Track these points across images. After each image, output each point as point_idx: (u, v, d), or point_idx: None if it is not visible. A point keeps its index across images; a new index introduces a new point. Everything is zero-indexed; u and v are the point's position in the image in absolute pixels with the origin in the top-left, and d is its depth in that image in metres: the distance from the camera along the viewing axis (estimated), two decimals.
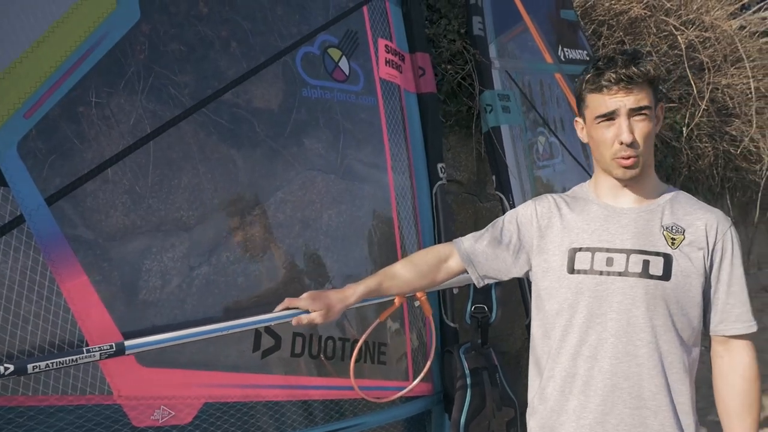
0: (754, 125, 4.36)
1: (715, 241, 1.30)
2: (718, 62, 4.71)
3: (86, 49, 1.31)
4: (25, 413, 1.19)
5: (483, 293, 1.95)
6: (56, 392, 1.22)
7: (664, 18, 3.97)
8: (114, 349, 1.16)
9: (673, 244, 1.30)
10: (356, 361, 1.69)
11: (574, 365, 1.32)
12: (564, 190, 2.61)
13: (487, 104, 2.22)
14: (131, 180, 1.43)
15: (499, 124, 2.22)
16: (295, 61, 1.68)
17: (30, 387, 1.20)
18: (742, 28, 5.62)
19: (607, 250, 1.31)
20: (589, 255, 1.33)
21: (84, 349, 1.15)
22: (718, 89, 4.65)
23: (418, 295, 1.60)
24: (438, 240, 2.02)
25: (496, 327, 2.73)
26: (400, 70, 2.00)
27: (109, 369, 1.26)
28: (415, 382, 1.71)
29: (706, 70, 4.39)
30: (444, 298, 2.00)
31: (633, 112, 1.27)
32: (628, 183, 1.33)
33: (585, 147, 2.84)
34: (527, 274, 1.44)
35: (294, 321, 1.35)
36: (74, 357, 1.11)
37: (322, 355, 1.60)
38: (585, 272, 1.32)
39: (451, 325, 1.99)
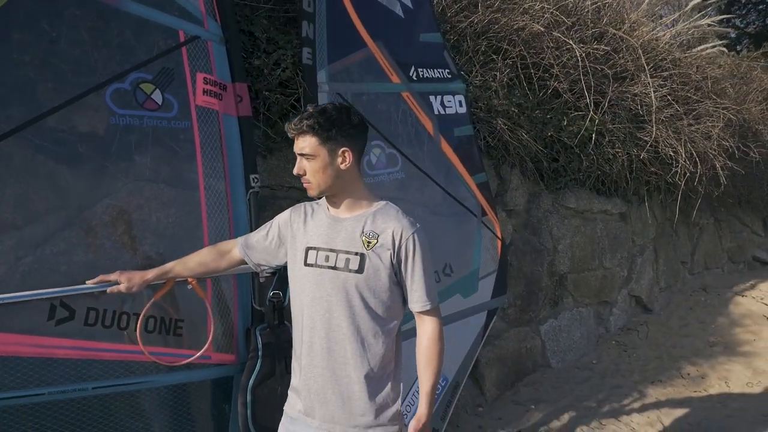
0: (654, 133, 4.63)
1: (399, 244, 1.74)
2: (632, 71, 4.98)
3: None
4: None
5: (281, 282, 2.37)
6: None
7: (558, 35, 4.28)
8: None
9: (368, 246, 1.74)
10: (150, 332, 2.15)
11: (306, 334, 1.80)
12: (400, 195, 3.02)
13: None
14: None
15: None
16: (105, 95, 2.13)
17: None
18: (677, 36, 5.85)
19: (326, 250, 1.78)
20: (315, 252, 1.79)
21: None
22: (628, 98, 4.93)
23: (189, 279, 2.07)
24: None
25: None
26: (221, 98, 2.43)
27: None
28: (200, 352, 2.18)
29: (610, 81, 4.68)
30: (254, 286, 2.44)
31: (300, 154, 1.73)
32: (334, 200, 1.79)
33: (438, 160, 3.22)
34: (286, 263, 1.90)
35: (108, 290, 1.97)
36: None
37: (115, 326, 2.06)
38: (312, 265, 1.79)
39: (257, 308, 2.42)
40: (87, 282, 1.96)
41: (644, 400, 4.11)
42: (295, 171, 1.75)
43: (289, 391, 1.90)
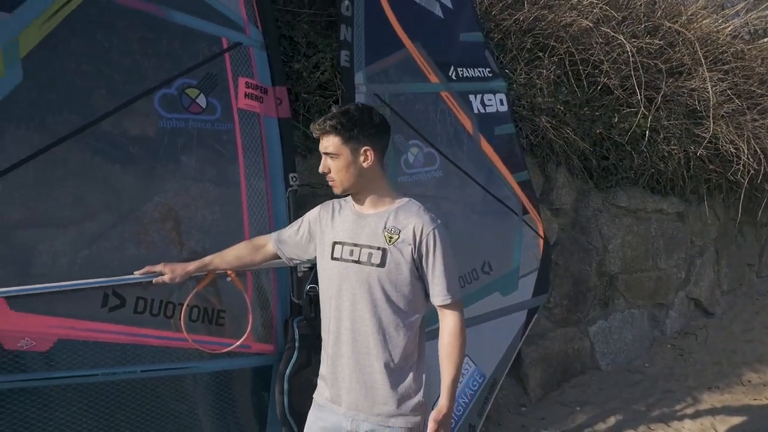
0: (712, 129, 4.45)
1: (420, 240, 1.81)
2: (688, 66, 4.81)
3: None
4: None
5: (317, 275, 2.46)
6: None
7: (608, 30, 4.19)
8: None
9: (390, 241, 1.82)
10: (194, 321, 2.29)
11: (333, 324, 1.89)
12: (439, 194, 3.07)
13: None
14: (24, 187, 2.09)
15: None
16: (154, 100, 2.29)
17: None
18: (743, 26, 5.58)
19: (351, 244, 1.87)
20: (341, 247, 1.88)
21: None
22: (684, 93, 4.75)
23: (229, 272, 2.21)
24: None
25: None
26: (262, 100, 2.55)
27: None
28: (239, 341, 2.30)
29: (664, 76, 4.53)
30: (292, 280, 2.55)
31: (324, 153, 1.81)
32: (359, 197, 1.88)
33: (478, 158, 3.24)
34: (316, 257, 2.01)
35: (154, 280, 2.14)
36: None
37: (162, 314, 2.21)
38: (338, 259, 1.88)
39: (295, 301, 2.53)
40: (135, 272, 2.12)
41: (698, 406, 3.96)
42: (320, 169, 1.84)
43: (318, 380, 1.99)
